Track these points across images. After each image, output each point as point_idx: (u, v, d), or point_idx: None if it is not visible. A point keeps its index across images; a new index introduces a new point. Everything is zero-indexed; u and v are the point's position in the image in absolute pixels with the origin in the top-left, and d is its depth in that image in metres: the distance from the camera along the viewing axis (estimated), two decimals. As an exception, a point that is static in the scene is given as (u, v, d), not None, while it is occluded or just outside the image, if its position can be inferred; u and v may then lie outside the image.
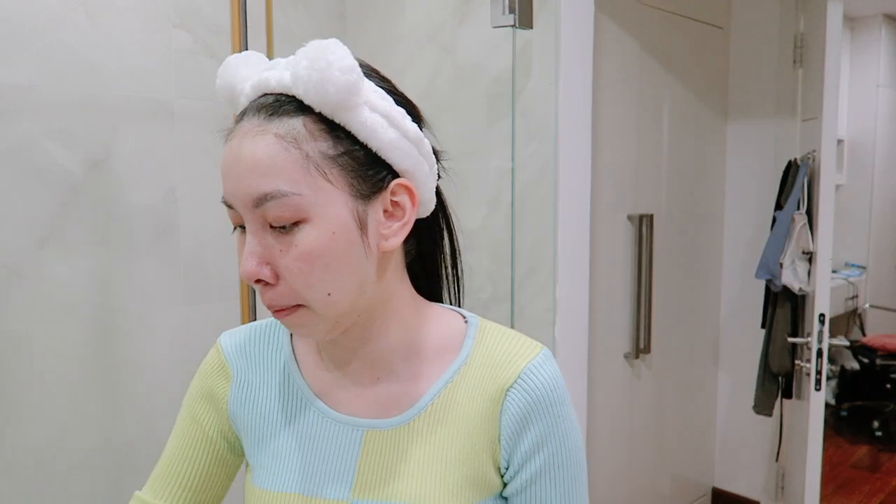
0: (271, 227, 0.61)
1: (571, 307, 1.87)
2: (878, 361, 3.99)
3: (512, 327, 1.86)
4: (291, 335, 0.77)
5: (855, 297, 4.26)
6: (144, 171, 1.74)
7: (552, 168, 1.79)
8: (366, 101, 0.61)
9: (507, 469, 0.69)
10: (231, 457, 0.78)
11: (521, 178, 1.84)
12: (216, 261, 1.87)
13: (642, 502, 2.62)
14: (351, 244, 0.62)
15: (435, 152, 0.71)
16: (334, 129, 0.61)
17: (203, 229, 1.85)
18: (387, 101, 0.63)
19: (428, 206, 0.70)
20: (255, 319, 1.54)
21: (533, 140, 1.82)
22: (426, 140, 0.68)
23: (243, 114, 0.63)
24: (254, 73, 0.65)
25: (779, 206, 2.48)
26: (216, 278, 1.87)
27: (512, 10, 1.66)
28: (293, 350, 0.75)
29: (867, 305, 4.35)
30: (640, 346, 2.44)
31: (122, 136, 1.70)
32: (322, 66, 0.58)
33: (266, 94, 0.62)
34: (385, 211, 0.65)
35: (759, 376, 2.56)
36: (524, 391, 0.68)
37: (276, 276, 0.61)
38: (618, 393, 2.42)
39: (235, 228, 0.65)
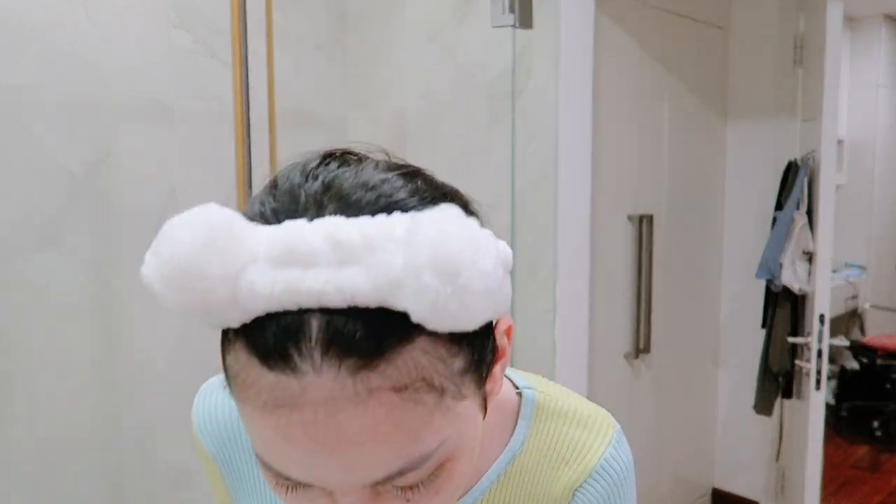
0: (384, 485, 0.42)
1: (571, 307, 1.87)
2: (878, 361, 3.99)
3: (512, 327, 1.86)
4: None
5: (855, 297, 4.26)
6: (144, 171, 1.74)
7: (552, 168, 1.79)
8: None
9: None
10: None
11: (521, 178, 1.84)
12: (216, 261, 1.87)
13: (642, 502, 2.61)
14: (479, 435, 0.46)
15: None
16: (458, 337, 0.40)
17: (203, 229, 1.85)
18: (498, 250, 0.41)
19: None
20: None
21: (533, 140, 1.82)
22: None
23: (285, 357, 0.37)
24: (234, 264, 0.37)
25: (779, 206, 2.48)
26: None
27: (512, 10, 1.67)
28: None
29: (867, 305, 4.35)
30: (640, 346, 2.44)
31: (122, 136, 1.70)
32: (479, 286, 0.36)
33: (316, 313, 0.37)
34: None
35: (759, 376, 2.56)
36: (596, 489, 0.58)
37: None
38: (618, 393, 2.42)
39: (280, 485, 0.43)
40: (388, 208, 0.40)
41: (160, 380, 1.79)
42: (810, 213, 2.31)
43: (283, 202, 0.40)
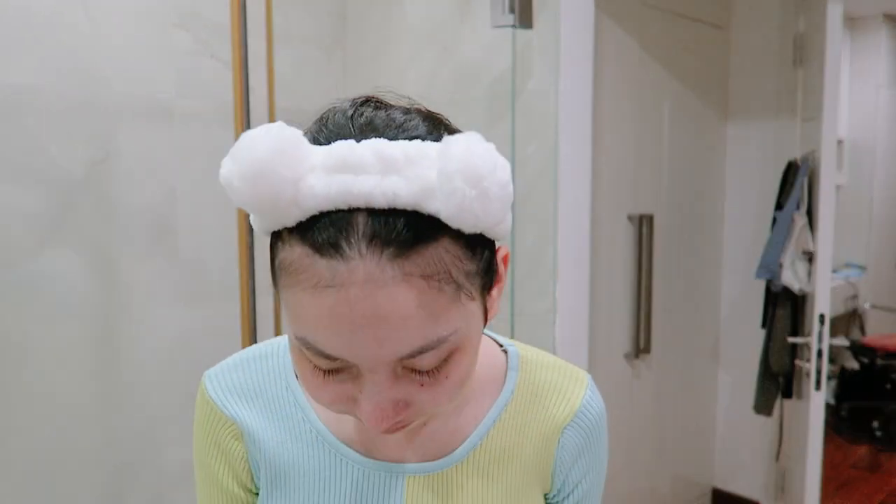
0: (404, 367, 0.50)
1: (571, 307, 1.87)
2: (878, 361, 3.99)
3: (512, 327, 1.86)
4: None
5: (855, 297, 4.26)
6: (144, 171, 1.74)
7: (552, 168, 1.79)
8: None
9: (554, 495, 0.69)
10: None
11: (521, 178, 1.84)
12: (216, 261, 1.87)
13: (642, 502, 2.62)
14: (480, 341, 0.55)
15: None
16: (470, 239, 0.49)
17: (203, 229, 1.85)
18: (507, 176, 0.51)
19: None
20: (254, 320, 1.54)
21: (533, 140, 1.82)
22: None
23: (335, 245, 0.46)
24: (299, 169, 0.47)
25: (779, 206, 2.48)
26: (216, 278, 1.87)
27: (512, 10, 1.66)
28: (303, 389, 0.65)
29: (867, 305, 4.35)
30: (641, 346, 2.44)
31: (122, 136, 1.70)
32: (497, 192, 0.46)
33: (362, 211, 0.46)
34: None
35: (759, 376, 2.56)
36: (581, 428, 0.67)
37: (408, 405, 0.52)
38: (618, 393, 2.42)
39: (314, 369, 0.51)
40: (416, 139, 0.49)
41: (160, 379, 1.79)
42: (810, 213, 2.31)
43: (333, 131, 0.50)
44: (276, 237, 0.50)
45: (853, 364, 4.26)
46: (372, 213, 0.46)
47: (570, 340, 1.89)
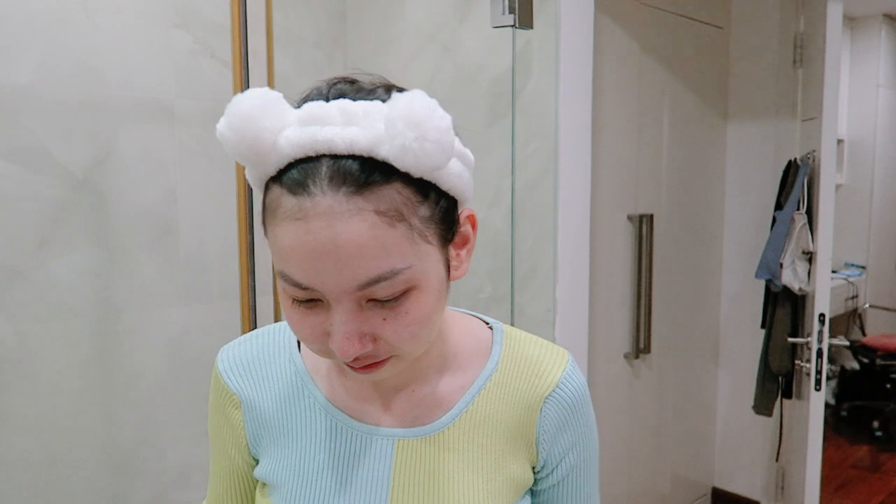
0: (367, 301, 0.56)
1: (571, 307, 1.87)
2: (878, 361, 3.99)
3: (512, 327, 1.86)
4: (299, 344, 0.73)
5: (855, 297, 4.26)
6: (144, 171, 1.74)
7: (552, 168, 1.79)
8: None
9: (541, 468, 0.72)
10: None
11: (521, 178, 1.84)
12: (216, 261, 1.87)
13: (642, 502, 2.62)
14: (444, 291, 0.61)
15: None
16: (423, 187, 0.56)
17: (203, 229, 1.85)
18: (455, 138, 0.59)
19: None
20: (254, 319, 1.54)
21: (533, 140, 1.82)
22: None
23: (303, 184, 0.54)
24: (277, 122, 0.55)
25: (779, 206, 2.48)
26: (216, 278, 1.87)
27: (512, 10, 1.67)
28: (303, 361, 0.72)
29: (867, 305, 4.35)
30: (640, 346, 2.44)
31: (122, 136, 1.70)
32: (434, 135, 0.53)
33: (327, 157, 0.54)
34: (453, 243, 0.63)
35: (759, 376, 2.56)
36: (561, 399, 0.71)
37: (375, 339, 0.58)
38: (618, 393, 2.42)
39: (293, 302, 0.58)
40: (377, 101, 0.57)
41: (160, 379, 1.79)
42: (810, 213, 2.31)
43: (311, 96, 0.59)
44: (266, 189, 0.58)
45: (853, 364, 4.26)
46: (335, 157, 0.53)
47: (570, 340, 1.89)
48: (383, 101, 0.57)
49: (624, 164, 2.34)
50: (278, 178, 0.56)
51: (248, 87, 1.46)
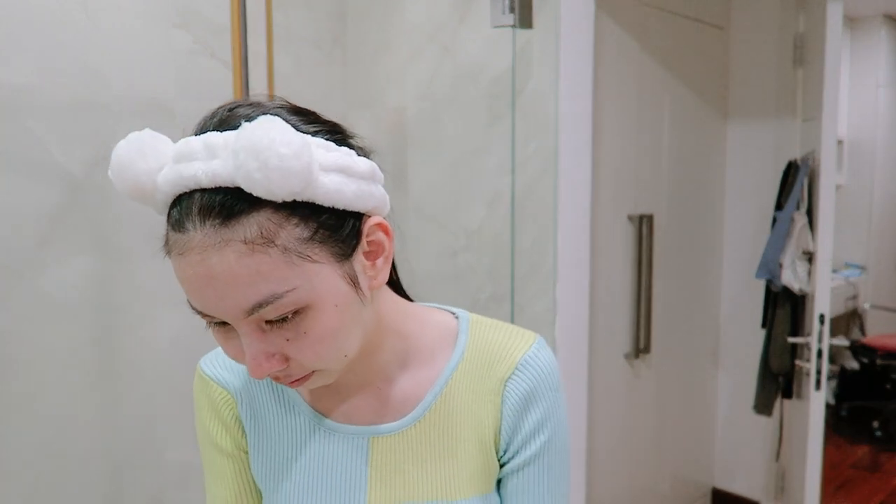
0: (266, 323, 0.58)
1: (571, 307, 1.87)
2: (878, 361, 3.99)
3: (512, 327, 1.86)
4: None
5: (855, 297, 4.26)
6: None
7: (552, 168, 1.79)
8: (319, 166, 0.56)
9: (503, 453, 0.71)
10: None
11: (521, 178, 1.84)
12: (216, 261, 1.87)
13: (642, 502, 2.62)
14: (351, 305, 0.60)
15: (367, 154, 0.65)
16: (297, 209, 0.56)
17: (203, 229, 1.85)
18: (334, 153, 0.58)
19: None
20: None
21: (533, 140, 1.82)
22: (370, 162, 0.62)
23: (180, 221, 0.55)
24: (154, 163, 0.57)
25: (779, 206, 2.48)
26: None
27: (512, 10, 1.67)
28: None
29: (867, 305, 4.35)
30: (640, 346, 2.44)
31: (122, 137, 1.69)
32: (276, 162, 0.52)
33: (198, 192, 0.55)
34: (365, 254, 0.62)
35: (759, 376, 2.56)
36: (522, 379, 0.70)
37: (286, 359, 0.59)
38: (618, 393, 2.42)
39: (209, 325, 0.61)
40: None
41: (160, 379, 1.79)
42: (810, 213, 2.31)
43: (198, 125, 0.60)
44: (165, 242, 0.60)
45: (853, 364, 4.26)
46: (204, 192, 0.55)
47: (570, 340, 1.89)
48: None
49: (624, 164, 2.34)
50: (168, 216, 0.58)
51: (248, 87, 1.46)
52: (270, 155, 0.52)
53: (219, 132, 0.56)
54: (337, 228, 0.59)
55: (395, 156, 2.08)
